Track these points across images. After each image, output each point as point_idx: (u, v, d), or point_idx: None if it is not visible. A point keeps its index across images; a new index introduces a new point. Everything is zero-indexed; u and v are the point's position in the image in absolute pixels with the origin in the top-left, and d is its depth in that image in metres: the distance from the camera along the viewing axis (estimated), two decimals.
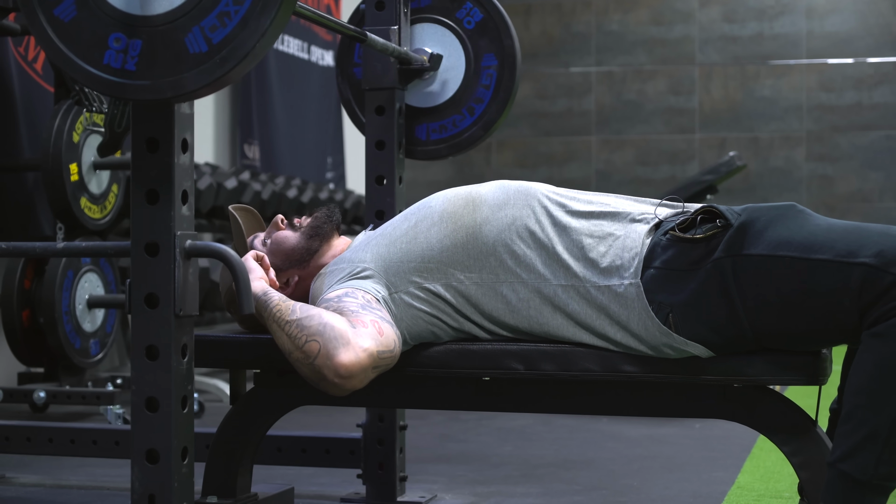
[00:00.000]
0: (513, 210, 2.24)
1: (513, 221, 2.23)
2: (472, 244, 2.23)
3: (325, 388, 2.07)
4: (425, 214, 2.30)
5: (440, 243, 2.24)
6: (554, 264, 2.19)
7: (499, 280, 2.21)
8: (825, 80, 9.50)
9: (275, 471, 3.25)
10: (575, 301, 2.17)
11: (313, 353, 2.06)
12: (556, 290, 2.18)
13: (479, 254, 2.22)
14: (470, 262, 2.23)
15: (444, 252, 2.24)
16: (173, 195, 1.96)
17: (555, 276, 2.18)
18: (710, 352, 2.10)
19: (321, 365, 2.05)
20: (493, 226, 2.23)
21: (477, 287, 2.22)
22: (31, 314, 4.45)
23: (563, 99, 9.88)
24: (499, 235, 2.22)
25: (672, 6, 9.70)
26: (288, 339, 2.10)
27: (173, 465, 1.98)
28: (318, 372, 2.05)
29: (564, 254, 2.18)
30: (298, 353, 2.08)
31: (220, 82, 1.82)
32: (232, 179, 5.60)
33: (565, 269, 2.18)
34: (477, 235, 2.24)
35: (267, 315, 2.15)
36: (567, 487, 3.20)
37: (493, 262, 2.22)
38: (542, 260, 2.20)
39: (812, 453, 2.13)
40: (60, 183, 4.29)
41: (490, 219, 2.24)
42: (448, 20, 2.98)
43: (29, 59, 4.83)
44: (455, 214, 2.26)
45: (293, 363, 2.10)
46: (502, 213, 2.24)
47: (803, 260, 2.01)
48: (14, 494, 3.11)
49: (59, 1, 1.87)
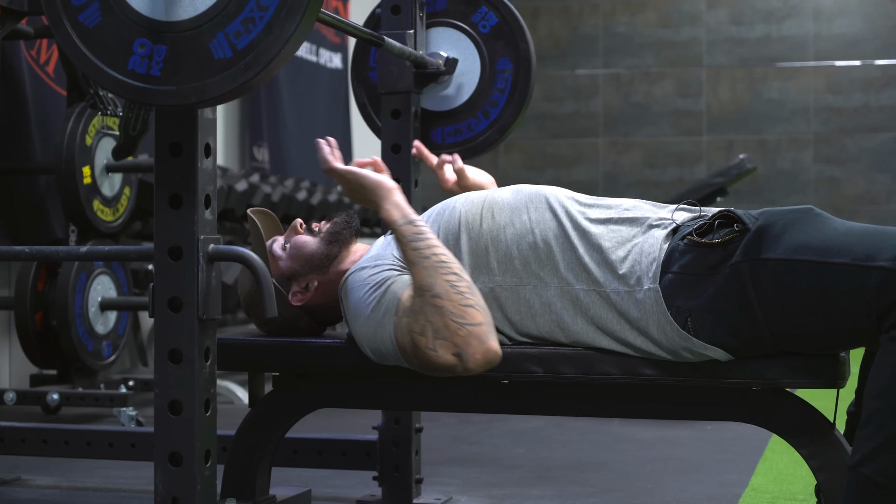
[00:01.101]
0: (533, 213, 2.25)
1: (535, 225, 2.24)
2: (493, 249, 2.24)
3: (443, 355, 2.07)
4: (448, 220, 2.30)
5: (465, 248, 2.25)
6: (576, 268, 2.20)
7: (521, 283, 2.22)
8: (833, 82, 9.50)
9: (291, 473, 3.26)
10: (596, 305, 2.18)
11: (474, 320, 2.06)
12: (578, 294, 2.19)
13: (503, 257, 2.23)
14: (493, 266, 2.23)
15: (470, 256, 2.25)
16: (196, 199, 1.97)
17: (577, 279, 2.19)
18: (729, 355, 2.11)
19: (474, 333, 2.05)
20: (515, 229, 2.24)
21: (501, 290, 2.23)
22: (44, 316, 4.47)
23: (571, 101, 9.89)
24: (521, 239, 2.23)
25: (679, 8, 9.71)
26: (446, 285, 2.08)
27: (196, 467, 1.99)
28: (465, 337, 2.05)
29: (585, 257, 2.19)
30: (453, 305, 2.06)
31: (244, 88, 1.83)
32: (242, 182, 5.61)
33: (587, 274, 2.18)
34: (499, 239, 2.24)
35: (424, 247, 2.14)
36: (582, 490, 3.21)
37: (517, 266, 2.22)
38: (565, 264, 2.20)
39: (831, 456, 2.13)
40: (73, 186, 4.31)
41: (511, 222, 2.25)
42: (463, 24, 2.99)
43: (41, 62, 4.85)
44: (475, 221, 2.27)
45: (431, 301, 2.07)
46: (523, 217, 2.25)
47: (821, 264, 2.01)
48: (31, 496, 3.12)
49: (85, 7, 1.89)
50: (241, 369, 2.47)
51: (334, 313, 2.47)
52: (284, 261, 2.44)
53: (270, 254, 2.46)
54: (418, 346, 2.10)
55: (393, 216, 2.22)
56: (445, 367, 2.09)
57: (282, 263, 2.44)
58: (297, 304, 2.43)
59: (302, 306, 2.43)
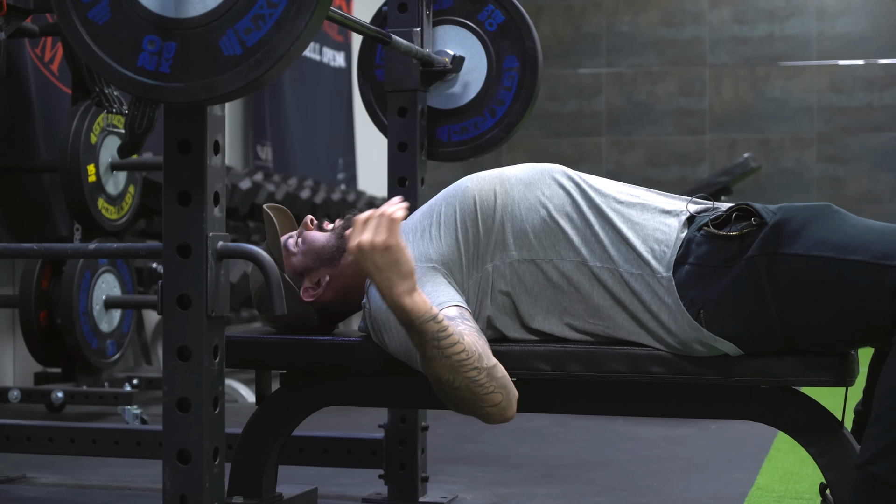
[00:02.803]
0: (546, 189, 2.24)
1: (548, 200, 2.23)
2: (510, 224, 2.23)
3: (466, 413, 2.11)
4: (462, 201, 2.28)
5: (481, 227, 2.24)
6: (592, 243, 2.19)
7: (538, 258, 2.21)
8: (836, 81, 9.50)
9: (296, 471, 3.26)
10: (611, 280, 2.17)
11: (493, 402, 2.08)
12: (593, 269, 2.18)
13: (518, 232, 2.22)
14: (510, 241, 2.22)
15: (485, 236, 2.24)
16: (205, 197, 1.97)
17: (592, 255, 2.19)
18: (739, 350, 2.11)
19: (494, 413, 2.08)
20: (529, 203, 2.23)
21: (519, 265, 2.22)
22: (48, 315, 4.47)
23: (574, 100, 9.89)
24: (535, 214, 2.22)
25: (682, 7, 9.71)
26: (466, 380, 2.06)
27: (205, 465, 1.99)
28: (485, 414, 2.09)
29: (600, 233, 2.19)
30: (473, 395, 2.07)
31: (254, 85, 1.83)
32: (246, 180, 5.61)
33: (602, 250, 2.18)
34: (514, 215, 2.23)
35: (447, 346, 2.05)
36: (587, 489, 3.21)
37: (532, 240, 2.21)
38: (579, 238, 2.20)
39: (839, 455, 2.13)
40: (78, 184, 4.31)
41: (525, 197, 2.24)
42: (470, 22, 2.98)
43: (45, 60, 4.85)
44: (489, 198, 2.26)
45: (451, 391, 2.08)
46: (536, 192, 2.24)
47: (839, 260, 2.01)
48: (36, 494, 3.12)
49: (94, 4, 1.88)
50: (248, 367, 2.46)
51: (344, 309, 2.46)
52: (297, 256, 2.43)
53: (285, 249, 2.45)
54: (442, 397, 2.13)
55: (419, 309, 2.04)
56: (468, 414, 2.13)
57: (294, 259, 2.43)
58: (308, 300, 2.42)
59: (313, 302, 2.43)
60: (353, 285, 2.42)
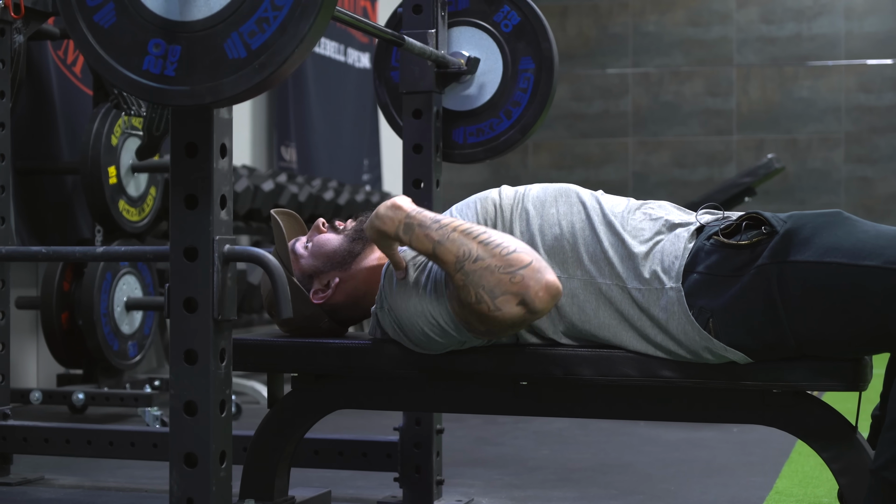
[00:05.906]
0: (562, 207, 2.24)
1: (562, 217, 2.23)
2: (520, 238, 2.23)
3: (509, 309, 2.04)
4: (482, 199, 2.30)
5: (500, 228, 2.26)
6: (600, 261, 2.18)
7: None
8: (864, 80, 9.43)
9: (311, 473, 3.26)
10: (618, 299, 2.16)
11: (522, 263, 2.04)
12: (601, 287, 2.17)
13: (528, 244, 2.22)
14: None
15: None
16: (212, 200, 1.96)
17: (600, 273, 2.18)
18: (748, 358, 2.09)
19: (528, 275, 2.03)
20: (542, 220, 2.23)
21: None
22: (70, 316, 4.48)
23: (600, 100, 9.86)
24: (547, 230, 2.22)
25: (709, 7, 9.66)
26: (481, 246, 2.06)
27: (211, 469, 1.98)
28: (521, 282, 2.03)
29: (610, 251, 2.18)
30: (496, 260, 2.05)
31: (258, 88, 1.82)
32: (269, 182, 5.62)
33: (610, 267, 2.17)
34: (526, 230, 2.24)
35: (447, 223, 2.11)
36: (604, 492, 3.19)
37: (542, 256, 2.21)
38: (588, 256, 2.19)
39: (852, 460, 2.11)
40: (99, 186, 4.33)
41: (539, 214, 2.24)
42: (485, 23, 2.97)
43: (68, 62, 4.87)
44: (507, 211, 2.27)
45: (474, 268, 2.06)
46: (551, 210, 2.24)
47: (852, 266, 1.99)
48: (54, 496, 3.13)
49: (99, 7, 1.88)
50: (259, 370, 2.46)
51: (355, 313, 2.46)
52: (306, 258, 2.43)
53: (293, 252, 2.46)
54: (483, 314, 2.08)
55: (405, 207, 2.17)
56: (515, 320, 2.07)
57: (303, 261, 2.44)
58: (318, 303, 2.42)
59: (323, 305, 2.43)
60: (364, 289, 2.41)
